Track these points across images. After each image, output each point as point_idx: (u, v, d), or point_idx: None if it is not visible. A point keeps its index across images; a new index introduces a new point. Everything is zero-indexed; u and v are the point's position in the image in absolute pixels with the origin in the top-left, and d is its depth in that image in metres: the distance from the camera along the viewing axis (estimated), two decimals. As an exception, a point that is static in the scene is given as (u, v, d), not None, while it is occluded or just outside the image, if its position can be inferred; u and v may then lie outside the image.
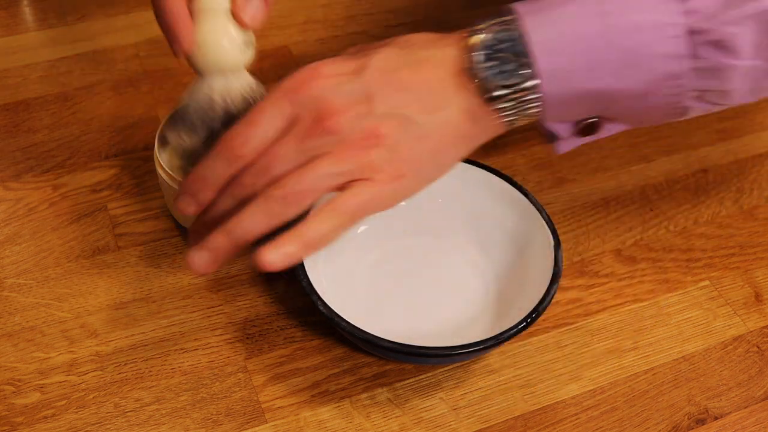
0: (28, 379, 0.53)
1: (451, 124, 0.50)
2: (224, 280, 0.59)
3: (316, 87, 0.48)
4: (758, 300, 0.60)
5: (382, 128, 0.48)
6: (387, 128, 0.48)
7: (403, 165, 0.49)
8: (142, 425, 0.51)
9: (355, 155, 0.48)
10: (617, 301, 0.59)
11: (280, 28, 0.78)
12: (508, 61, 0.48)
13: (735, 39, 0.46)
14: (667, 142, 0.70)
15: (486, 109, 0.49)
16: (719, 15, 0.46)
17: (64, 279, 0.58)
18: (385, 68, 0.49)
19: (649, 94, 0.48)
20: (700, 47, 0.47)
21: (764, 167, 0.69)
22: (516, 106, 0.49)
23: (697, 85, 0.48)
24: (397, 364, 0.55)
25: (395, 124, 0.48)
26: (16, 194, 0.63)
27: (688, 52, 0.47)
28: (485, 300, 0.57)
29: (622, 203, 0.66)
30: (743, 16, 0.46)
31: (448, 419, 0.53)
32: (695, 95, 0.49)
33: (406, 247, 0.59)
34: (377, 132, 0.48)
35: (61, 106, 0.69)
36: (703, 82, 0.48)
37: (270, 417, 0.52)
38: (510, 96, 0.49)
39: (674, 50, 0.47)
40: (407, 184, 0.50)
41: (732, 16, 0.46)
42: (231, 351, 0.55)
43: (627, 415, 0.54)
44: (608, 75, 0.48)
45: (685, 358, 0.57)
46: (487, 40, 0.48)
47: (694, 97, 0.49)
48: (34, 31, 0.76)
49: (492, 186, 0.58)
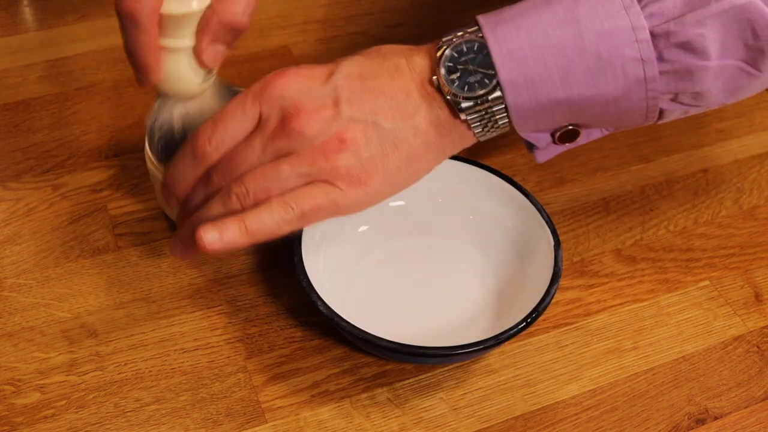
0: (28, 379, 0.53)
1: (420, 133, 0.50)
2: (224, 280, 0.59)
3: (284, 89, 0.49)
4: (758, 300, 0.60)
5: (348, 133, 0.48)
6: (353, 133, 0.48)
7: (368, 171, 0.49)
8: (142, 425, 0.51)
9: (319, 159, 0.48)
10: (617, 301, 0.59)
11: (280, 28, 0.78)
12: (472, 73, 0.48)
13: (701, 40, 0.46)
14: (667, 142, 0.70)
15: (453, 120, 0.50)
16: (683, 17, 0.46)
17: (64, 279, 0.58)
18: (353, 74, 0.50)
19: (622, 99, 0.48)
20: (667, 50, 0.47)
21: (764, 167, 0.69)
22: (483, 117, 0.49)
23: (670, 88, 0.48)
24: (397, 364, 0.55)
25: (361, 129, 0.49)
26: (16, 194, 0.63)
27: (655, 55, 0.47)
28: (485, 300, 0.57)
29: (622, 203, 0.66)
30: (706, 16, 0.46)
31: (448, 419, 0.53)
32: (669, 97, 0.49)
33: (406, 247, 0.59)
34: (343, 136, 0.48)
35: (61, 106, 0.69)
36: (674, 84, 0.48)
37: (270, 417, 0.52)
38: (476, 108, 0.49)
39: (642, 54, 0.47)
40: (371, 191, 0.50)
41: (696, 17, 0.46)
42: (231, 351, 0.55)
43: (627, 415, 0.54)
44: (582, 82, 0.48)
45: (685, 358, 0.57)
46: (451, 52, 0.49)
47: (669, 99, 0.49)
48: (34, 31, 0.76)
49: (492, 186, 0.58)
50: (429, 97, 0.50)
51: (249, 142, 0.49)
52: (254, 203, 0.48)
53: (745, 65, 0.48)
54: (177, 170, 0.51)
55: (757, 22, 0.46)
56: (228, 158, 0.49)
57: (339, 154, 0.48)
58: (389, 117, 0.49)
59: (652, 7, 0.47)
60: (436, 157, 0.51)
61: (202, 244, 0.47)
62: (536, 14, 0.48)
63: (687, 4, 0.46)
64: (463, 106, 0.49)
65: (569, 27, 0.47)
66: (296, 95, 0.49)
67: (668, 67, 0.47)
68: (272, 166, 0.48)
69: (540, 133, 0.52)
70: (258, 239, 0.48)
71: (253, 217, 0.48)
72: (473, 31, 0.49)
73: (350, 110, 0.49)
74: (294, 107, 0.48)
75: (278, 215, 0.48)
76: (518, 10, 0.49)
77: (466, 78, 0.48)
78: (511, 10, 0.49)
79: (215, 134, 0.49)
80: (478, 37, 0.48)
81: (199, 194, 0.51)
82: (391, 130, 0.49)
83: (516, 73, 0.48)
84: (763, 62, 0.48)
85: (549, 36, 0.47)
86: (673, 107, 0.50)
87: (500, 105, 0.49)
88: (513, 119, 0.49)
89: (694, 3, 0.46)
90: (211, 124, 0.50)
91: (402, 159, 0.50)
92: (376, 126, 0.49)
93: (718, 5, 0.46)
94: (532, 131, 0.51)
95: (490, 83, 0.48)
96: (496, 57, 0.48)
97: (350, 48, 0.76)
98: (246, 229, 0.48)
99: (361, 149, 0.49)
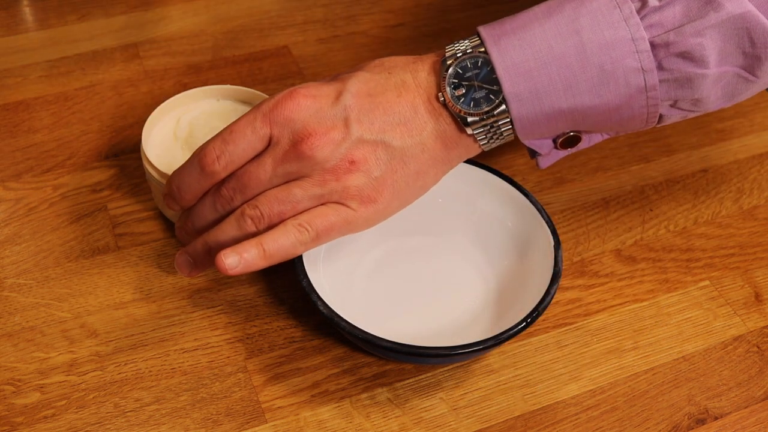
0: (28, 379, 0.53)
1: (427, 149, 0.51)
2: (224, 280, 0.59)
3: (294, 110, 0.50)
4: (758, 300, 0.60)
5: (358, 154, 0.49)
6: (362, 153, 0.49)
7: (378, 189, 0.50)
8: (142, 425, 0.51)
9: (330, 180, 0.49)
10: (617, 301, 0.59)
11: (280, 28, 0.78)
12: (477, 89, 0.49)
13: (700, 49, 0.47)
14: (667, 142, 0.70)
15: (460, 135, 0.51)
16: (682, 27, 0.47)
17: (64, 279, 0.58)
18: (360, 93, 0.50)
19: (624, 107, 0.49)
20: (667, 59, 0.48)
21: (764, 167, 0.69)
22: (489, 131, 0.50)
23: (670, 95, 0.49)
24: (397, 364, 0.55)
25: (371, 149, 0.50)
26: (16, 194, 0.63)
27: (655, 64, 0.48)
28: (485, 300, 0.57)
29: (622, 203, 0.66)
30: (705, 26, 0.47)
31: (448, 419, 0.53)
32: (669, 104, 0.50)
33: (406, 247, 0.59)
34: (353, 158, 0.49)
35: (61, 106, 0.69)
36: (674, 92, 0.49)
37: (270, 417, 0.52)
38: (482, 123, 0.50)
39: (642, 64, 0.48)
40: (381, 208, 0.51)
41: (695, 27, 0.47)
42: (231, 351, 0.55)
43: (627, 415, 0.54)
44: (585, 93, 0.48)
45: (685, 358, 0.57)
46: (456, 69, 0.49)
47: (669, 106, 0.50)
48: (34, 31, 0.76)
49: (492, 186, 0.58)
50: (436, 113, 0.50)
51: (260, 162, 0.50)
52: (268, 226, 0.50)
53: (743, 72, 0.49)
54: (183, 181, 0.52)
55: (754, 30, 0.47)
56: (239, 175, 0.51)
57: (350, 175, 0.49)
58: (398, 135, 0.50)
59: (651, 18, 0.47)
60: (442, 169, 0.53)
61: (222, 267, 0.48)
62: (538, 26, 0.48)
63: (686, 15, 0.47)
64: (469, 121, 0.50)
65: (571, 39, 0.48)
66: (306, 118, 0.50)
67: (668, 75, 0.48)
68: (285, 189, 0.50)
69: (542, 140, 0.52)
70: (275, 261, 0.50)
71: (271, 240, 0.49)
72: (476, 45, 0.50)
73: (360, 130, 0.50)
74: (305, 131, 0.49)
75: (294, 237, 0.49)
76: (520, 22, 0.49)
77: (472, 94, 0.49)
78: (513, 21, 0.50)
79: (225, 153, 0.50)
80: (481, 53, 0.49)
81: (207, 207, 0.52)
82: (399, 148, 0.50)
83: (520, 86, 0.48)
84: (760, 68, 0.49)
85: (552, 48, 0.48)
86: (673, 113, 0.51)
87: (506, 119, 0.49)
88: (517, 129, 0.50)
89: (693, 13, 0.47)
90: (220, 141, 0.51)
91: (410, 175, 0.51)
92: (386, 145, 0.50)
93: (716, 15, 0.47)
94: (535, 139, 0.52)
95: (496, 99, 0.49)
96: (500, 72, 0.48)
97: (350, 48, 0.76)
98: (264, 252, 0.49)
99: (371, 169, 0.50)
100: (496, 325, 0.53)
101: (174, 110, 0.62)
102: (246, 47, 0.76)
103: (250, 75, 0.73)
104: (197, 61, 0.74)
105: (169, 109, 0.61)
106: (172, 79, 0.72)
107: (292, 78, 0.73)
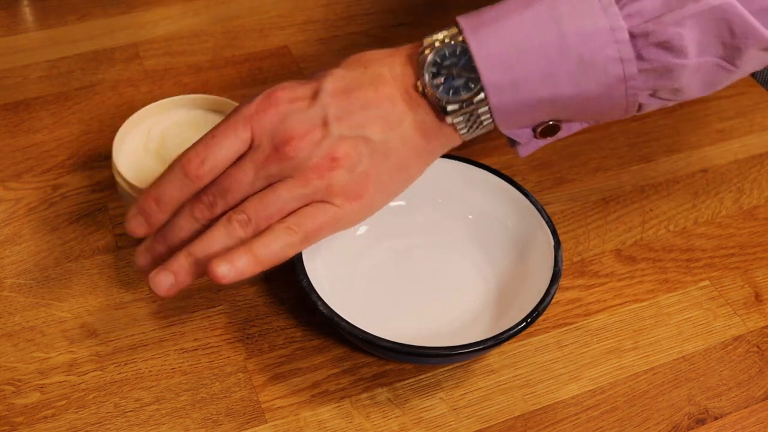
0: (28, 379, 0.53)
1: (409, 141, 0.51)
2: (224, 280, 0.58)
3: (274, 114, 0.50)
4: (758, 300, 0.60)
5: (339, 151, 0.49)
6: (344, 150, 0.49)
7: (362, 184, 0.50)
8: (142, 425, 0.51)
9: (313, 179, 0.49)
10: (617, 301, 0.59)
11: (280, 28, 0.78)
12: (456, 77, 0.49)
13: (679, 39, 0.47)
14: (667, 142, 0.70)
15: (440, 124, 0.51)
16: (661, 17, 0.47)
17: (64, 279, 0.58)
18: (336, 90, 0.50)
19: (603, 96, 0.49)
20: (646, 49, 0.47)
21: (764, 167, 0.69)
22: (468, 119, 0.50)
23: (649, 85, 0.49)
24: (397, 364, 0.55)
25: (352, 144, 0.49)
26: (16, 194, 0.63)
27: (634, 54, 0.48)
28: (485, 300, 0.57)
29: (622, 203, 0.66)
30: (684, 16, 0.47)
31: (448, 419, 0.53)
32: (648, 93, 0.50)
33: (406, 247, 0.59)
34: (334, 155, 0.49)
35: (61, 106, 0.69)
36: (653, 81, 0.49)
37: (270, 417, 0.52)
38: (461, 111, 0.50)
39: (621, 54, 0.47)
40: (366, 203, 0.51)
41: (674, 17, 0.47)
42: (231, 351, 0.55)
43: (627, 415, 0.54)
44: (564, 82, 0.48)
45: (685, 358, 0.57)
46: (434, 57, 0.49)
47: (648, 95, 0.50)
48: (34, 31, 0.76)
49: (492, 186, 0.58)
50: (414, 104, 0.50)
51: (241, 166, 0.50)
52: (256, 230, 0.49)
53: (723, 62, 0.49)
54: (164, 192, 0.50)
55: (733, 21, 0.47)
56: (220, 181, 0.50)
57: (332, 172, 0.49)
58: (377, 128, 0.50)
59: (630, 8, 0.47)
60: (425, 160, 0.52)
61: (215, 277, 0.47)
62: (517, 16, 0.48)
63: (665, 5, 0.47)
64: (449, 110, 0.49)
65: (550, 28, 0.48)
66: (286, 120, 0.49)
67: (647, 65, 0.48)
68: (269, 192, 0.49)
69: (521, 129, 0.52)
70: (267, 266, 0.49)
71: (261, 245, 0.49)
72: (454, 35, 0.49)
73: (339, 128, 0.49)
74: (285, 133, 0.49)
75: (284, 240, 0.49)
76: (499, 12, 0.49)
77: (451, 82, 0.49)
78: (491, 11, 0.49)
79: (209, 157, 0.49)
80: (460, 42, 0.49)
81: (185, 219, 0.50)
82: (380, 142, 0.50)
83: (499, 75, 0.48)
84: (740, 58, 0.49)
85: (531, 38, 0.48)
86: (652, 101, 0.51)
87: (485, 107, 0.49)
88: (496, 118, 0.50)
89: (672, 3, 0.47)
90: (203, 146, 0.50)
91: (393, 167, 0.51)
92: (366, 139, 0.50)
93: (695, 5, 0.47)
94: (514, 128, 0.52)
95: (475, 87, 0.49)
96: (478, 61, 0.48)
97: (350, 48, 0.76)
98: (255, 258, 0.48)
99: (353, 164, 0.50)
100: (496, 325, 0.53)
101: (144, 122, 0.60)
102: (246, 47, 0.76)
103: (250, 75, 0.73)
104: (197, 61, 0.74)
105: (139, 121, 0.60)
106: (172, 79, 0.72)
107: (292, 78, 0.73)
